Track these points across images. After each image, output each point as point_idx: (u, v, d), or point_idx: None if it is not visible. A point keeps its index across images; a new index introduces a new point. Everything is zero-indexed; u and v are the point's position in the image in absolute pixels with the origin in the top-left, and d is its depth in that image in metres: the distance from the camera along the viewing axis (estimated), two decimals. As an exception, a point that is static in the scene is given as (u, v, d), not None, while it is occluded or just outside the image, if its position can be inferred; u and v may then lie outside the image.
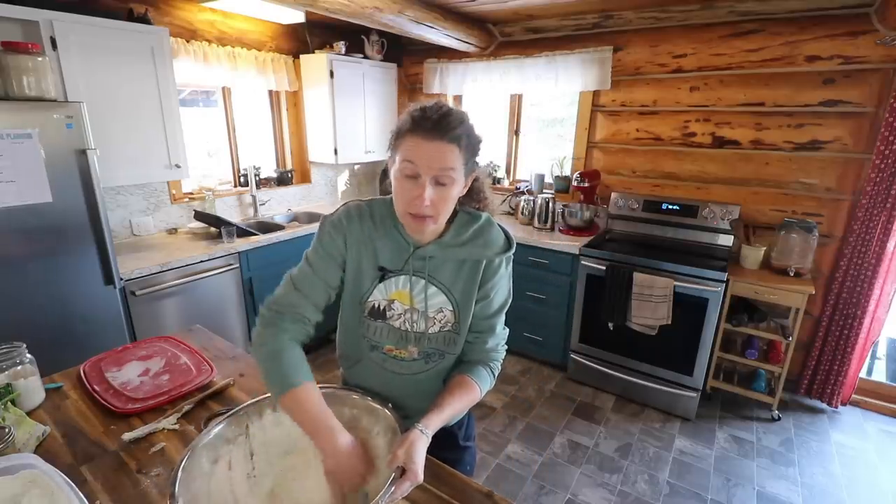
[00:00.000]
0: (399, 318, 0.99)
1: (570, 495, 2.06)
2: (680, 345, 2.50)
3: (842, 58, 2.38)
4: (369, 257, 0.97)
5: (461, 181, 0.88)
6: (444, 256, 0.96)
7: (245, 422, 0.93)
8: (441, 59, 3.61)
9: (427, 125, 0.83)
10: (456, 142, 0.84)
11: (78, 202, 1.88)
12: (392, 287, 0.97)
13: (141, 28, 2.23)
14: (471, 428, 1.21)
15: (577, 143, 3.25)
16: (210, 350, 1.43)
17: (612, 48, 2.94)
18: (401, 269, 0.96)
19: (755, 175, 2.72)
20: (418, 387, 1.04)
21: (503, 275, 1.01)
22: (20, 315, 1.80)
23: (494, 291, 1.01)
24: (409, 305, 0.97)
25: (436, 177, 0.84)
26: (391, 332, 1.00)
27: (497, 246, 0.98)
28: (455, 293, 0.98)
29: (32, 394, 1.13)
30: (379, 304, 0.99)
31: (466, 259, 0.97)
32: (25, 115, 1.70)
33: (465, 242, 0.96)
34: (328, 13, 2.26)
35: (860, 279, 2.43)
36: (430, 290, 0.97)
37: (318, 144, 3.46)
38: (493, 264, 0.98)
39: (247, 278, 2.64)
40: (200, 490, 0.79)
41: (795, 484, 2.14)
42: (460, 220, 0.97)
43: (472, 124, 0.88)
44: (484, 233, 0.97)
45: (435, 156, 0.83)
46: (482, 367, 1.02)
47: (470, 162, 0.89)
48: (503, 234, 1.00)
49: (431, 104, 0.86)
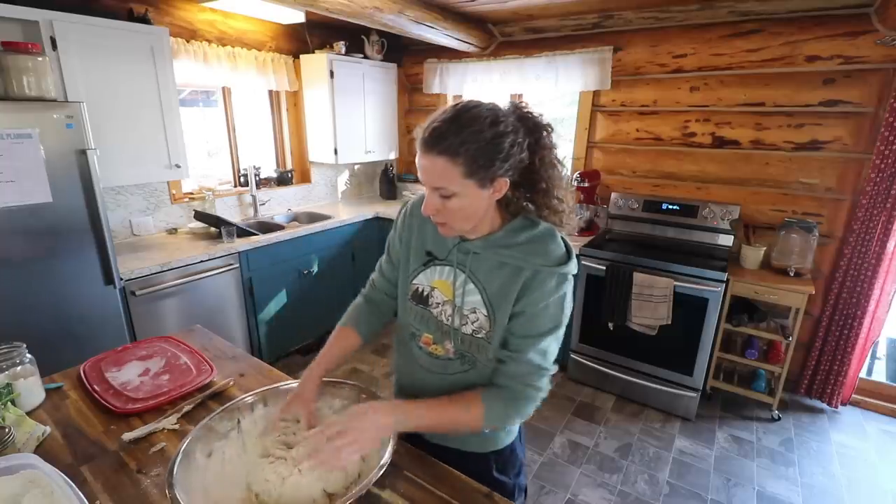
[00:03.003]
0: (438, 308, 0.98)
1: (570, 495, 2.06)
2: (680, 345, 2.50)
3: (842, 58, 2.38)
4: (420, 239, 1.01)
5: (469, 192, 0.83)
6: (487, 255, 0.91)
7: (237, 416, 0.97)
8: (441, 59, 3.61)
9: (421, 138, 0.82)
10: (447, 154, 0.79)
11: (78, 202, 1.88)
12: (435, 274, 0.98)
13: (141, 28, 2.23)
14: (511, 459, 1.08)
15: (577, 143, 3.25)
16: (210, 350, 1.43)
17: (612, 48, 2.94)
18: (445, 259, 0.97)
19: (755, 175, 2.72)
20: (453, 389, 0.96)
21: (553, 294, 0.88)
22: (20, 315, 1.80)
23: (537, 309, 0.88)
24: (449, 298, 0.96)
25: (435, 189, 0.84)
26: (430, 321, 0.99)
27: (549, 258, 0.88)
28: (490, 296, 0.91)
29: (32, 394, 1.13)
30: (422, 289, 1.00)
31: (508, 262, 0.89)
32: (25, 115, 1.70)
33: (513, 246, 0.90)
34: (328, 13, 2.26)
35: (860, 279, 2.43)
36: (468, 286, 0.93)
37: (318, 144, 3.46)
38: (540, 276, 0.88)
39: (247, 278, 2.64)
40: (195, 484, 0.82)
41: (795, 484, 2.14)
42: (516, 223, 0.92)
43: (481, 129, 0.79)
44: (538, 242, 0.90)
45: (428, 169, 0.83)
46: (501, 393, 0.91)
47: (481, 171, 0.81)
48: (563, 250, 0.90)
49: (440, 112, 0.83)
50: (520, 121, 0.85)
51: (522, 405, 0.91)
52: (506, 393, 0.91)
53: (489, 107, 0.83)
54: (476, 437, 1.02)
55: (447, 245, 0.96)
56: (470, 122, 0.80)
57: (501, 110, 0.84)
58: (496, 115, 0.81)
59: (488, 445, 1.05)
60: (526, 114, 0.87)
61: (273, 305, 2.83)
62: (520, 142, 0.83)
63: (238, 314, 2.66)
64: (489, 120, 0.80)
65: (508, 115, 0.84)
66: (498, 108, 0.84)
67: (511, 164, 0.83)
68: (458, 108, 0.82)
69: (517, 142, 0.82)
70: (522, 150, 0.84)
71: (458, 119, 0.80)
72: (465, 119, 0.80)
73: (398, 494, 0.88)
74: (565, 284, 0.90)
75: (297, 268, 2.92)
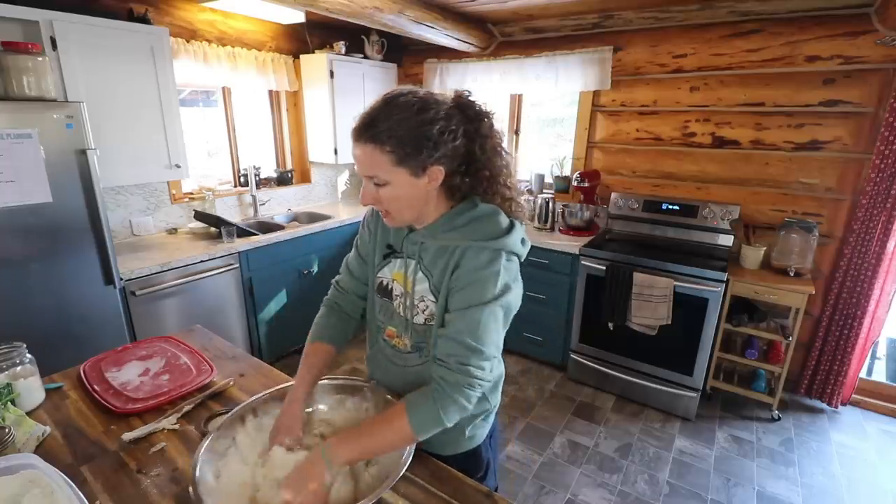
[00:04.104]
0: (397, 300, 0.99)
1: (570, 495, 2.06)
2: (680, 345, 2.50)
3: (842, 58, 2.37)
4: (384, 233, 1.03)
5: (401, 181, 0.83)
6: (432, 242, 0.92)
7: (231, 434, 0.96)
8: (441, 59, 3.61)
9: (353, 127, 0.84)
10: (375, 141, 0.81)
11: (78, 202, 1.88)
12: (396, 267, 0.99)
13: (141, 28, 2.23)
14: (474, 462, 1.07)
15: (577, 143, 3.25)
16: (210, 350, 1.43)
17: (612, 48, 2.94)
18: (400, 251, 0.98)
19: (755, 175, 2.71)
20: (417, 380, 0.97)
21: (484, 269, 0.84)
22: (20, 315, 1.80)
23: (464, 282, 0.85)
24: (405, 289, 0.97)
25: (369, 178, 0.86)
26: (393, 314, 1.01)
27: (483, 235, 0.87)
28: (435, 282, 0.91)
29: (32, 394, 1.13)
30: (385, 282, 1.02)
31: (449, 245, 0.89)
32: (25, 115, 1.70)
33: (455, 228, 0.90)
34: (328, 13, 2.25)
35: (860, 279, 2.43)
36: (418, 275, 0.94)
37: (318, 144, 3.46)
38: (470, 251, 0.86)
39: (247, 278, 2.64)
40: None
41: (795, 484, 2.14)
42: (458, 208, 0.92)
43: (408, 116, 0.80)
44: (477, 221, 0.89)
45: (359, 158, 0.85)
46: (427, 391, 0.86)
47: (409, 158, 0.81)
48: (502, 227, 0.89)
49: (373, 102, 0.84)
50: (458, 108, 0.85)
51: (455, 395, 0.84)
52: (434, 388, 0.85)
53: (420, 94, 0.84)
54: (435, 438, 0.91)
55: (402, 237, 0.98)
56: (397, 109, 0.81)
57: (433, 98, 0.84)
58: (425, 103, 0.82)
59: (446, 448, 1.03)
60: (466, 102, 0.87)
61: (273, 305, 2.83)
62: (452, 129, 0.82)
63: (238, 314, 2.66)
64: (416, 107, 0.81)
65: (442, 102, 0.84)
66: (430, 95, 0.84)
67: (443, 151, 0.83)
68: (388, 96, 0.84)
69: (449, 129, 0.82)
70: (457, 138, 0.83)
71: (387, 107, 0.82)
72: (393, 107, 0.81)
73: (398, 494, 0.88)
74: (499, 260, 0.85)
75: (297, 268, 2.92)
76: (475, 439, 1.07)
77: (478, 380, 0.85)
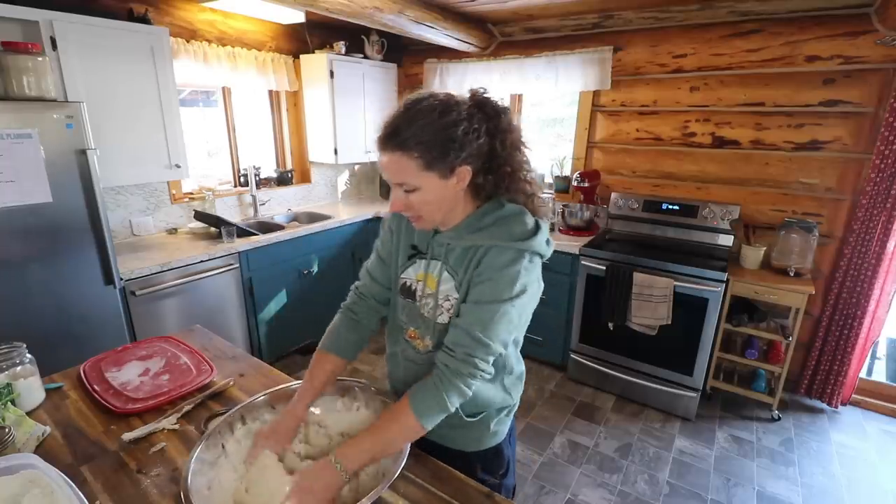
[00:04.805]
0: (421, 300, 0.99)
1: (570, 495, 2.06)
2: (680, 345, 2.50)
3: (842, 58, 2.38)
4: (407, 234, 1.02)
5: (431, 185, 0.84)
6: (459, 243, 0.92)
7: (219, 441, 0.95)
8: (441, 59, 3.61)
9: (377, 137, 0.84)
10: (402, 149, 0.81)
11: (78, 202, 1.88)
12: (420, 268, 0.99)
13: (141, 28, 2.23)
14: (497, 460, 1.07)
15: (577, 143, 3.25)
16: (210, 350, 1.43)
17: (612, 48, 2.94)
18: (426, 252, 0.98)
19: (755, 175, 2.72)
20: None
21: (505, 268, 0.85)
22: (20, 315, 1.80)
23: (483, 279, 0.87)
24: (432, 290, 0.96)
25: (399, 185, 0.86)
26: (416, 315, 1.00)
27: (509, 236, 0.87)
28: (459, 281, 0.92)
29: (32, 394, 1.13)
30: (409, 283, 1.01)
31: (473, 245, 0.90)
32: (25, 115, 1.70)
33: (482, 229, 0.90)
34: (328, 13, 2.25)
35: (860, 279, 2.43)
36: (444, 275, 0.94)
37: (318, 144, 3.46)
38: (493, 251, 0.87)
39: (247, 278, 2.64)
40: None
41: (795, 484, 2.14)
42: (485, 208, 0.92)
43: (431, 120, 0.80)
44: (503, 221, 0.89)
45: (387, 166, 0.85)
46: (429, 380, 0.88)
47: (437, 161, 0.81)
48: (528, 228, 0.89)
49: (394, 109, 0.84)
50: (476, 107, 0.85)
51: (456, 381, 0.86)
52: (435, 374, 0.88)
53: (440, 97, 0.83)
54: (459, 435, 1.02)
55: (427, 239, 0.98)
56: (420, 114, 0.81)
57: (454, 99, 0.84)
58: (447, 105, 0.82)
59: (470, 445, 1.05)
60: (483, 99, 0.87)
61: (273, 305, 2.83)
62: (476, 128, 0.83)
63: (238, 314, 2.66)
64: (439, 110, 0.81)
65: (462, 103, 0.84)
66: (450, 97, 0.84)
67: (469, 151, 0.83)
68: (409, 102, 0.83)
69: (472, 128, 0.82)
70: (480, 136, 0.84)
71: (409, 113, 0.82)
72: (415, 112, 0.81)
73: (398, 494, 0.88)
74: (522, 261, 0.86)
75: (297, 268, 2.92)
76: (499, 435, 1.07)
77: (480, 371, 0.87)
